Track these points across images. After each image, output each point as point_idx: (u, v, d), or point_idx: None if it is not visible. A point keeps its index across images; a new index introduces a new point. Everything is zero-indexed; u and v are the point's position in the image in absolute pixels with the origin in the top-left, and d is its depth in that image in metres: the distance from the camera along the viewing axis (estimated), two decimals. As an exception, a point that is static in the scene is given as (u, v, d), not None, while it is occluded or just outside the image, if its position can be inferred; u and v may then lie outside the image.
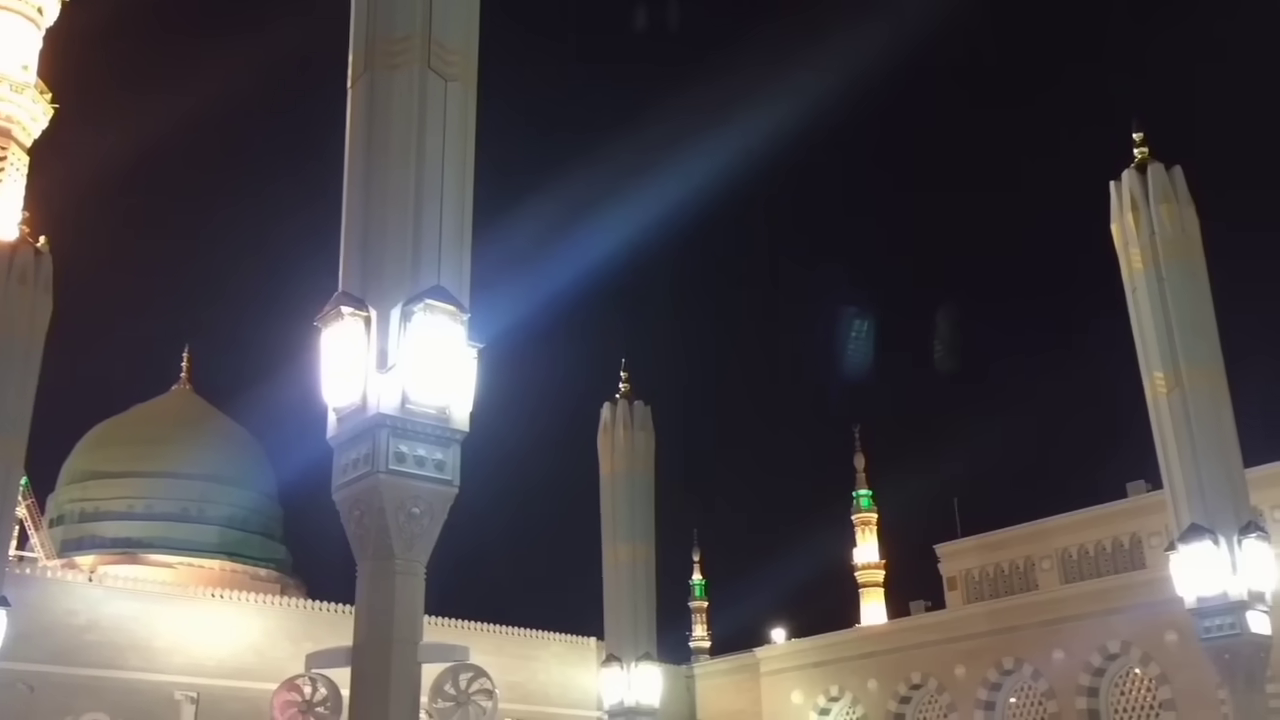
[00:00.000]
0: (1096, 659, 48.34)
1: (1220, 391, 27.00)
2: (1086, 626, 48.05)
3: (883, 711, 55.30)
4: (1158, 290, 27.25)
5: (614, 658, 35.71)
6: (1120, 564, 49.09)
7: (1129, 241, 27.60)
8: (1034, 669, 50.13)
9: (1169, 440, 26.99)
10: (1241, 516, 27.25)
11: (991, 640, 51.39)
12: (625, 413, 38.38)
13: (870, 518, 67.60)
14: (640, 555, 36.97)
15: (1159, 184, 27.61)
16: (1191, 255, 27.55)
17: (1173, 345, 27.47)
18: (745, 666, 61.95)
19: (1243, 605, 26.10)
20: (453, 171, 14.29)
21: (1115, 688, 48.81)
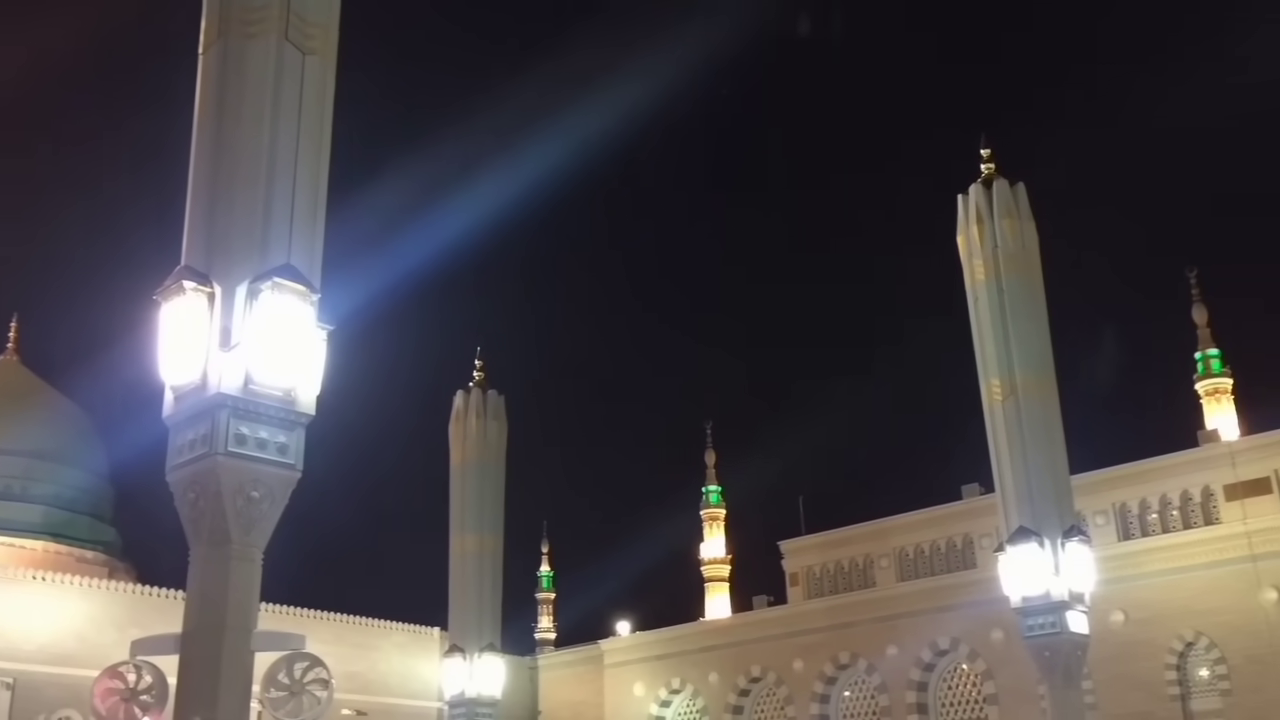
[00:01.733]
0: (927, 655, 50.17)
1: (1051, 400, 28.21)
2: (919, 623, 49.82)
3: (722, 704, 56.26)
4: (997, 301, 28.30)
5: (457, 648, 35.36)
6: (953, 564, 50.98)
7: (973, 253, 28.60)
8: (868, 664, 51.72)
9: (1002, 445, 28.07)
10: (1065, 520, 28.56)
11: (830, 635, 52.81)
12: (478, 401, 38.02)
13: (718, 513, 68.50)
14: (488, 546, 36.68)
15: (1003, 199, 28.67)
16: (1030, 268, 28.69)
17: (1009, 354, 28.56)
18: (589, 658, 62.21)
19: (1064, 605, 27.33)
20: (307, 147, 13.90)
21: (943, 682, 50.74)
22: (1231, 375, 57.32)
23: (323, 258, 13.64)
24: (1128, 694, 42.30)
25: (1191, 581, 42.98)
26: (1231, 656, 41.93)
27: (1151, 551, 44.52)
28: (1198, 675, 43.26)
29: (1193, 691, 43.26)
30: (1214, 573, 42.57)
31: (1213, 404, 57.15)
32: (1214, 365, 57.61)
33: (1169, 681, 43.23)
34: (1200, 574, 42.86)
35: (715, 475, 68.87)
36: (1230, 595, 42.01)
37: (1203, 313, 58.31)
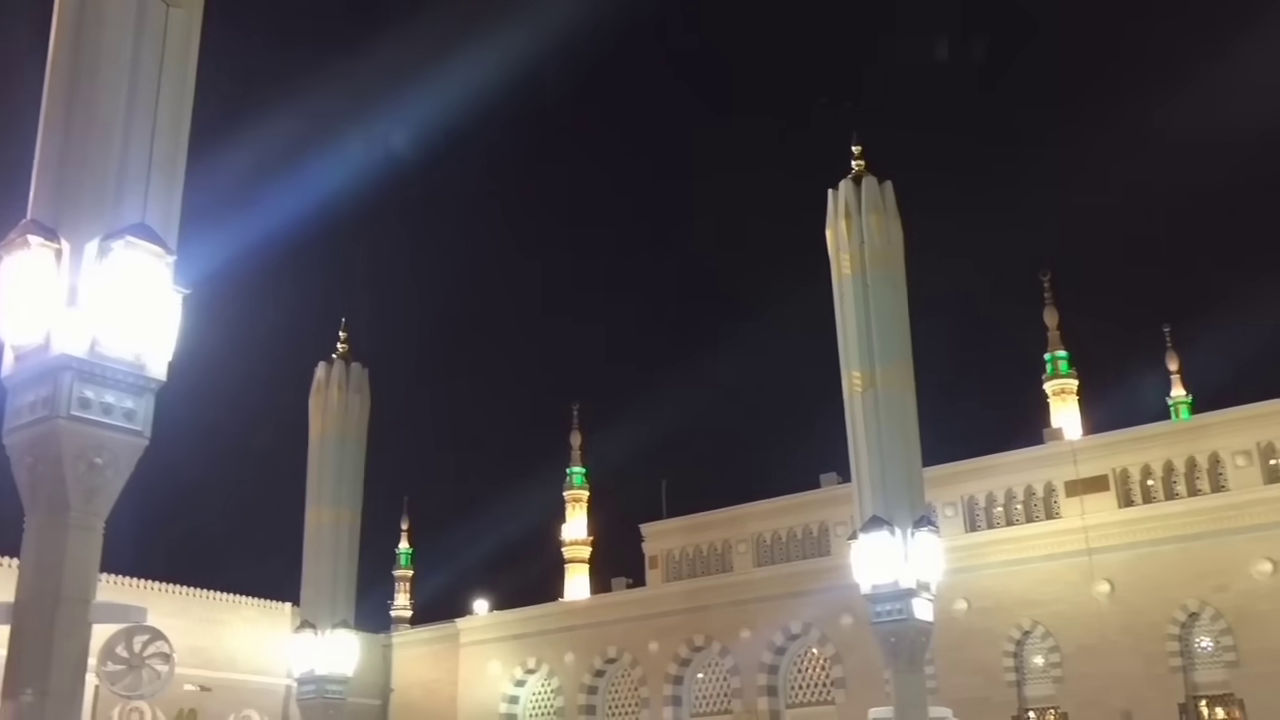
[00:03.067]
0: (779, 638, 51.27)
1: (908, 393, 29.00)
2: (773, 608, 50.87)
3: (578, 684, 56.52)
4: (862, 295, 28.92)
5: (308, 624, 34.62)
6: (809, 550, 52.12)
7: (840, 247, 29.16)
8: (722, 646, 52.59)
9: (860, 436, 28.74)
10: (917, 511, 29.43)
11: (686, 618, 53.50)
12: (340, 373, 37.20)
13: (581, 495, 68.70)
14: (345, 521, 35.97)
15: (871, 196, 29.29)
16: (894, 265, 29.39)
17: (870, 347, 29.24)
18: (445, 637, 61.76)
19: (911, 593, 28.17)
20: (168, 102, 13.35)
21: (794, 665, 51.95)
22: (1077, 377, 59.99)
23: (181, 217, 13.14)
24: (967, 679, 43.99)
25: (1031, 572, 44.90)
26: (1065, 645, 43.97)
27: (995, 543, 46.32)
28: (1033, 662, 45.24)
29: (1028, 677, 45.23)
30: (1052, 564, 44.55)
31: (1059, 403, 59.71)
32: (1062, 366, 60.18)
33: (1006, 668, 45.12)
34: (1039, 565, 44.80)
35: (580, 457, 69.03)
36: (1066, 586, 44.02)
37: (1053, 316, 60.81)
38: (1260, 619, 40.21)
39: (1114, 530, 43.67)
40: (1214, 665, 41.58)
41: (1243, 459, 42.54)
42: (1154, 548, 42.67)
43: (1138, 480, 44.83)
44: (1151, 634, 42.17)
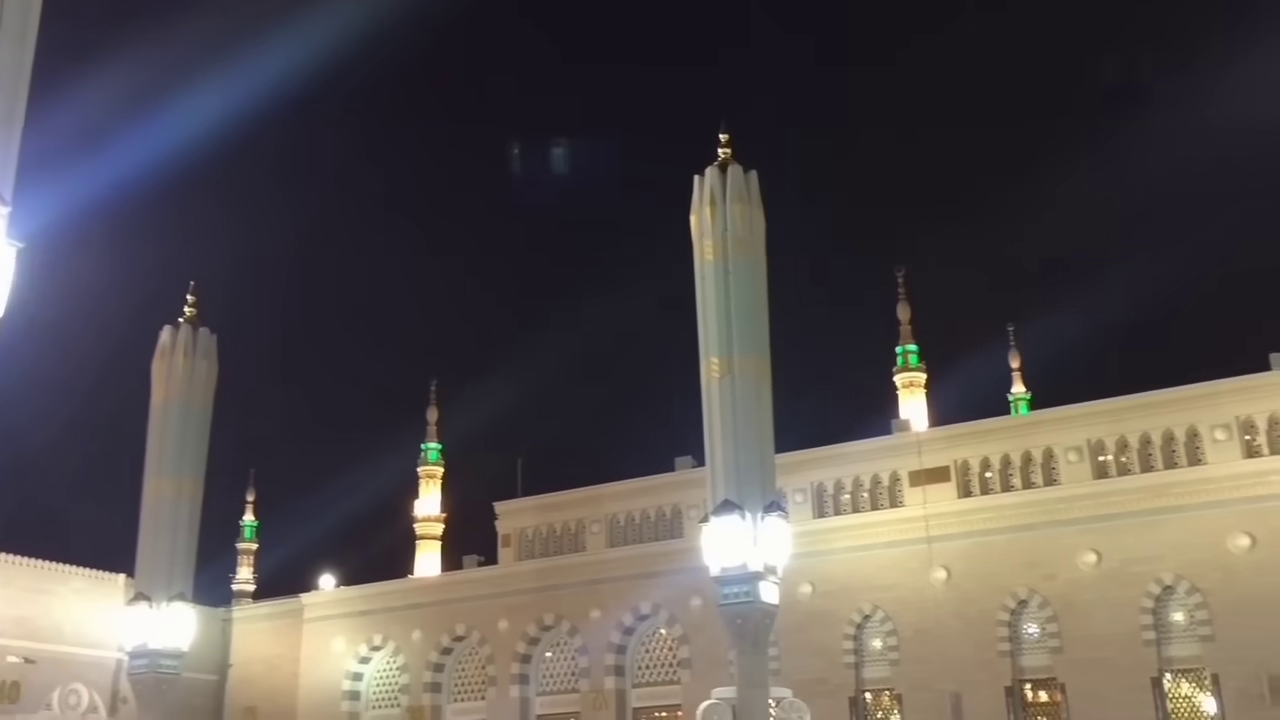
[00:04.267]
0: (629, 619, 51.70)
1: (764, 381, 29.45)
2: (624, 588, 51.25)
3: (424, 661, 55.98)
4: (723, 281, 29.23)
5: (143, 596, 33.40)
6: (662, 532, 52.63)
7: (704, 233, 29.40)
8: (572, 626, 52.77)
9: (715, 420, 29.06)
10: (767, 496, 29.97)
11: (537, 597, 53.48)
12: (187, 338, 35.89)
13: (436, 471, 67.92)
14: (186, 491, 34.77)
15: (736, 184, 29.58)
16: (755, 253, 29.77)
17: (730, 334, 29.57)
18: (288, 612, 60.40)
19: (758, 576, 28.70)
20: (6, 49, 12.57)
21: (642, 646, 52.47)
22: (926, 370, 62.02)
23: (18, 166, 12.41)
24: (809, 660, 45.15)
25: (874, 558, 46.30)
26: (902, 629, 45.50)
27: (841, 529, 47.59)
28: (871, 645, 46.69)
29: (866, 660, 46.67)
30: (894, 551, 46.02)
31: (907, 395, 61.63)
32: (912, 360, 62.12)
33: (846, 650, 46.46)
34: (882, 552, 46.23)
35: (436, 433, 68.23)
36: (906, 572, 45.55)
37: (906, 310, 62.67)
38: (1083, 607, 42.32)
39: (953, 519, 45.33)
40: (1039, 650, 43.60)
41: (1074, 455, 44.62)
42: (989, 537, 44.47)
43: (977, 472, 46.59)
44: (983, 620, 43.96)
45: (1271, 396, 41.98)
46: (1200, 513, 41.20)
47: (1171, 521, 41.57)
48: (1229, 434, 42.14)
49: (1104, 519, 42.69)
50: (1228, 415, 42.33)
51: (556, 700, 53.44)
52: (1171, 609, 41.85)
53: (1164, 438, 43.52)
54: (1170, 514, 41.69)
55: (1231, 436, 42.11)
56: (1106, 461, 44.55)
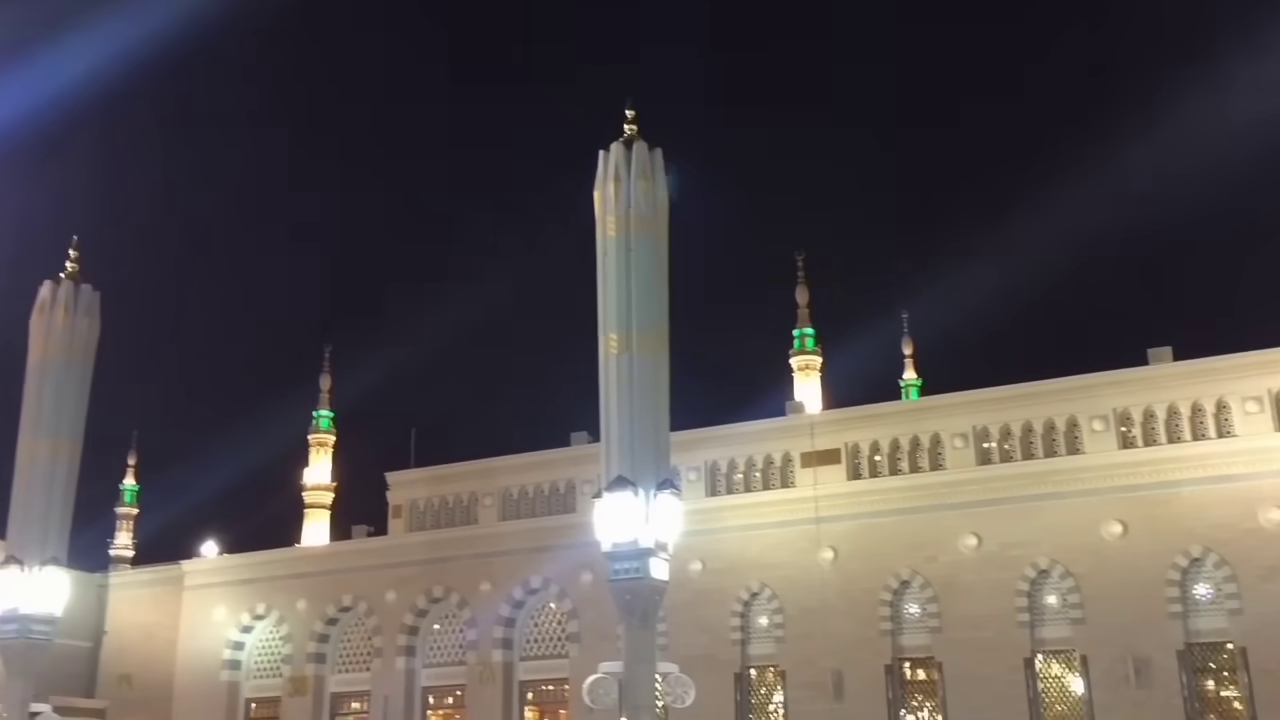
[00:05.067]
0: (519, 593, 51.63)
1: (662, 358, 29.54)
2: (515, 562, 51.15)
3: (308, 631, 55.21)
4: (624, 258, 29.20)
5: (14, 560, 32.28)
6: (555, 507, 52.60)
7: (607, 209, 29.32)
8: (461, 598, 52.51)
9: (612, 397, 29.09)
10: (661, 473, 30.12)
11: (426, 569, 53.06)
12: (68, 294, 34.64)
13: (327, 439, 66.88)
14: (63, 453, 33.65)
15: (640, 161, 29.54)
16: (657, 232, 29.80)
17: (629, 311, 29.58)
18: (168, 579, 59.00)
19: (649, 552, 28.84)
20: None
21: (531, 619, 52.46)
22: (822, 354, 63.03)
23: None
24: (697, 636, 45.65)
25: (764, 537, 46.95)
26: (788, 607, 46.28)
27: (733, 508, 48.13)
28: (758, 622, 47.39)
29: (752, 637, 47.37)
30: (784, 531, 46.71)
31: (803, 378, 62.60)
32: (808, 343, 63.12)
33: (733, 627, 47.09)
34: (772, 531, 46.89)
35: (329, 400, 67.13)
36: (794, 552, 46.29)
37: (804, 294, 63.61)
38: (962, 589, 43.54)
39: (841, 501, 46.18)
40: (919, 630, 44.74)
41: (960, 441, 45.77)
42: (875, 519, 45.41)
43: (867, 455, 47.50)
44: (866, 599, 44.94)
45: (1147, 390, 43.55)
46: (1076, 500, 42.64)
47: (1049, 508, 42.95)
48: (1106, 425, 43.64)
49: (986, 504, 43.91)
50: (1105, 407, 43.82)
51: (443, 672, 53.19)
52: (1045, 592, 43.30)
53: (1045, 427, 44.88)
54: (1048, 500, 43.07)
55: (1108, 427, 43.61)
56: (990, 448, 45.79)
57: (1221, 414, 42.26)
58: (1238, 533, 40.07)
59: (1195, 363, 43.32)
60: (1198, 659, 40.82)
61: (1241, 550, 39.97)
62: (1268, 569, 39.39)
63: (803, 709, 45.02)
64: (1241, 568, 39.94)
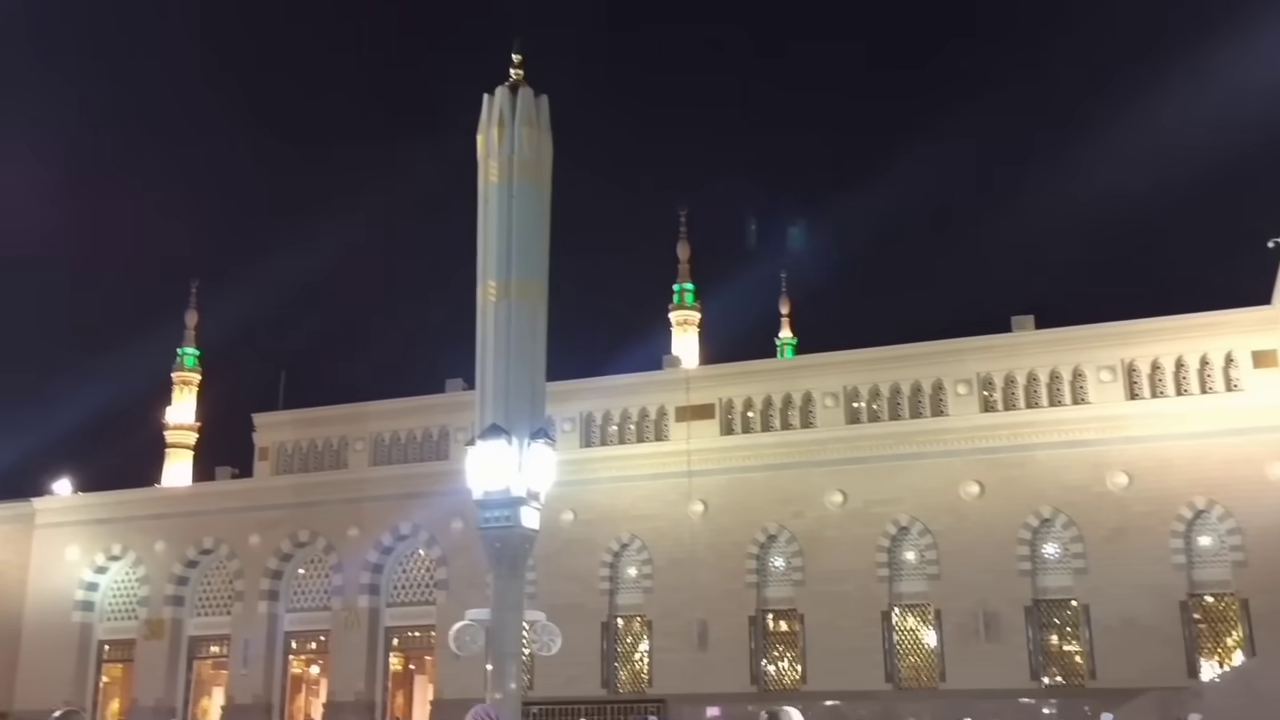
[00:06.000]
0: (388, 539, 51.16)
1: (541, 308, 29.30)
2: (385, 508, 50.59)
3: (166, 573, 53.88)
4: (506, 205, 28.80)
5: None
6: (428, 454, 52.10)
7: (490, 154, 28.78)
8: (328, 543, 51.80)
9: (489, 345, 28.76)
10: (536, 422, 29.96)
11: (293, 513, 52.12)
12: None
13: (192, 377, 64.80)
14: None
15: (526, 107, 29.13)
16: (541, 179, 29.40)
17: (510, 258, 29.25)
18: (18, 516, 56.75)
19: (520, 501, 28.73)
20: None
21: (399, 566, 52.07)
22: (701, 310, 63.50)
23: None
24: (566, 585, 45.92)
25: (636, 489, 47.36)
26: (657, 558, 46.89)
27: (607, 459, 48.40)
28: (627, 573, 47.92)
29: (620, 587, 47.90)
30: (656, 483, 47.19)
31: (681, 332, 63.01)
32: (688, 298, 63.49)
33: (602, 577, 47.53)
34: (644, 483, 47.33)
35: (194, 338, 65.01)
36: (666, 504, 46.84)
37: (686, 249, 63.86)
38: (826, 544, 44.70)
39: (713, 455, 46.82)
40: (783, 583, 45.84)
41: (831, 400, 46.76)
42: (746, 474, 46.20)
43: (740, 411, 48.18)
44: (734, 552, 45.80)
45: (1009, 356, 45.09)
46: (938, 460, 44.05)
47: (912, 467, 44.29)
48: (969, 389, 45.08)
49: (852, 462, 45.05)
50: (970, 371, 45.24)
51: (307, 617, 52.52)
52: (905, 548, 44.75)
53: (912, 388, 46.14)
54: (911, 460, 44.40)
55: (971, 391, 45.06)
56: (860, 408, 46.88)
57: (1077, 382, 44.03)
58: (1086, 495, 41.97)
59: (1055, 331, 44.99)
60: (1044, 614, 42.79)
61: (1088, 512, 41.90)
62: (1112, 530, 41.41)
63: (668, 658, 45.80)
64: (1088, 529, 41.89)
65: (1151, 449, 41.47)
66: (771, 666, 45.84)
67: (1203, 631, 41.16)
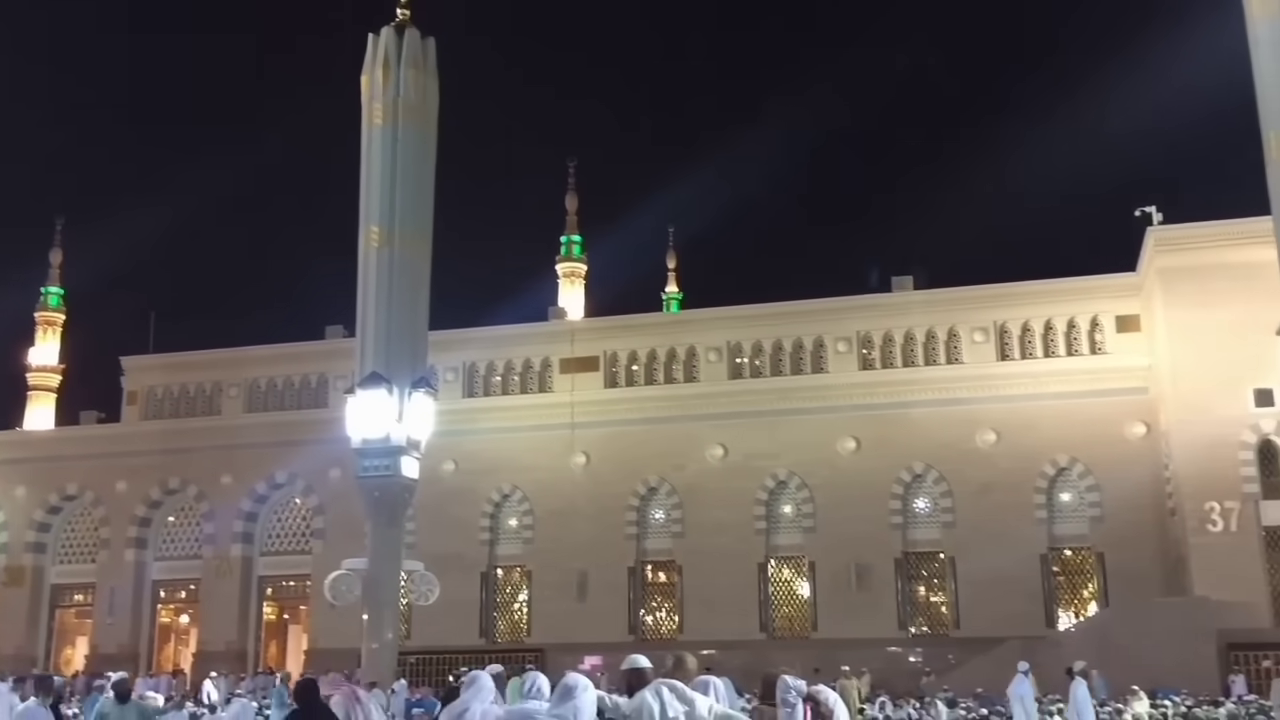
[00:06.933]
0: (262, 487, 50.15)
1: (424, 255, 28.95)
2: (260, 455, 49.48)
3: (27, 519, 52.03)
4: (390, 149, 28.27)
5: None
6: (305, 401, 51.06)
7: (374, 96, 28.25)
8: (200, 491, 50.55)
9: (370, 291, 28.35)
10: (418, 372, 29.70)
11: (163, 459, 50.66)
12: None
13: (56, 317, 62.20)
14: None
15: (412, 49, 28.48)
16: (426, 124, 28.95)
17: (393, 204, 28.73)
18: None
19: (400, 450, 28.52)
20: None
21: (274, 514, 51.14)
22: (587, 262, 63.27)
23: None
24: (446, 535, 45.67)
25: (519, 440, 47.20)
26: (538, 509, 46.95)
27: (490, 410, 48.12)
28: (506, 523, 47.90)
29: (500, 537, 47.87)
30: (539, 435, 47.10)
31: (568, 284, 62.74)
32: (575, 250, 63.17)
33: (483, 528, 47.43)
34: (527, 435, 47.20)
35: (59, 276, 62.34)
36: (548, 456, 46.81)
37: (574, 201, 63.41)
38: (705, 496, 45.29)
39: (597, 408, 46.91)
40: (663, 535, 46.36)
41: (714, 355, 47.19)
42: (628, 427, 46.42)
43: (624, 364, 48.31)
44: (615, 504, 46.10)
45: (888, 315, 46.06)
46: (817, 416, 44.88)
47: (792, 422, 45.04)
48: (850, 347, 45.95)
49: (734, 416, 45.62)
50: (850, 329, 46.09)
51: (176, 566, 51.29)
52: (782, 502, 45.63)
53: (794, 345, 46.82)
54: (791, 416, 45.15)
55: (851, 349, 45.95)
56: (743, 363, 47.43)
57: (952, 342, 45.24)
58: (956, 452, 43.31)
59: (933, 292, 46.07)
60: (913, 567, 44.19)
61: (958, 468, 43.27)
62: (980, 486, 42.85)
63: (547, 608, 46.01)
64: (957, 484, 43.27)
65: (1019, 408, 42.93)
66: (650, 617, 46.43)
67: (1061, 584, 43.03)
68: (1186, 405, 38.74)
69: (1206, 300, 38.14)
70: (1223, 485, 37.89)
